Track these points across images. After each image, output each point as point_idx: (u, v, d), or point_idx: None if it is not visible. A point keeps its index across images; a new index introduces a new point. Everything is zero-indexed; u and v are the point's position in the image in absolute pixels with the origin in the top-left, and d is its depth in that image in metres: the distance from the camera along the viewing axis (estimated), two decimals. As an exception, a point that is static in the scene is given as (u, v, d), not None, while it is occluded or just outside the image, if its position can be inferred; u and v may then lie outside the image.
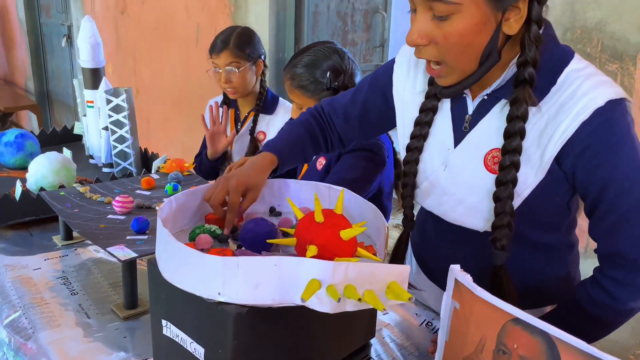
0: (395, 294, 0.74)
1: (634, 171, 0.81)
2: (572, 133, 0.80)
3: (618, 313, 0.86)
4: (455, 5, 0.76)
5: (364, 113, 1.09)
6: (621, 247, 0.83)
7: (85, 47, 1.80)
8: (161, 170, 1.53)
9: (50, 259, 1.27)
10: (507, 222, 0.85)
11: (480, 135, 0.89)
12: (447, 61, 0.82)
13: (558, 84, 0.82)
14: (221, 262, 0.71)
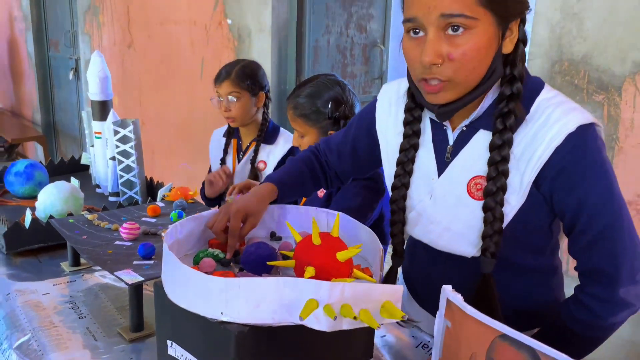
0: (389, 312, 0.78)
1: (605, 192, 0.86)
2: (547, 158, 0.85)
3: (600, 329, 0.90)
4: (473, 20, 0.80)
5: (354, 150, 1.15)
6: (598, 264, 0.87)
7: (94, 80, 1.87)
8: (166, 198, 1.58)
9: (58, 284, 1.31)
10: (497, 228, 0.89)
11: (463, 164, 0.93)
12: (456, 78, 0.84)
13: (531, 112, 0.88)
14: (224, 283, 0.76)
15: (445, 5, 0.80)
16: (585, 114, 0.87)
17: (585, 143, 0.85)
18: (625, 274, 0.87)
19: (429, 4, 0.81)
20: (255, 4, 2.50)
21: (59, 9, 4.98)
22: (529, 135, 0.87)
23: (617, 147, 1.41)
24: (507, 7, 0.83)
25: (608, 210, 0.86)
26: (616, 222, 0.86)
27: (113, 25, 3.88)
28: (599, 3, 1.39)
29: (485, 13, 0.81)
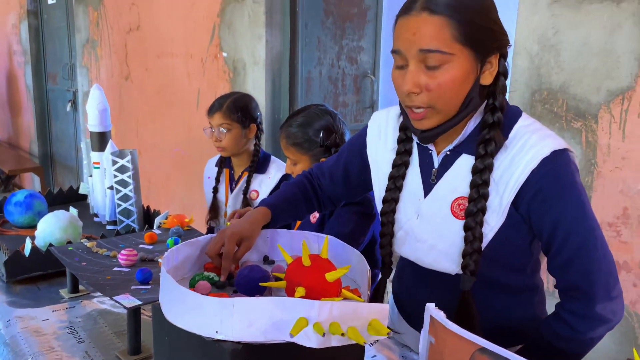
0: (376, 329, 0.82)
1: (579, 212, 0.91)
2: (524, 180, 0.91)
3: (580, 344, 0.94)
4: (450, 56, 0.88)
5: (346, 174, 1.21)
6: (575, 282, 0.92)
7: (93, 112, 1.93)
8: (163, 225, 1.62)
9: (57, 310, 1.35)
10: (476, 247, 0.94)
11: (447, 186, 0.99)
12: (435, 106, 0.91)
13: (510, 138, 0.94)
14: (218, 303, 0.80)
15: (424, 42, 0.88)
16: (559, 140, 0.94)
17: (558, 166, 0.91)
18: (601, 291, 0.92)
19: (410, 39, 0.89)
20: (249, 38, 2.59)
21: (57, 42, 5.09)
22: (508, 159, 0.93)
23: (596, 171, 1.48)
24: (483, 44, 0.90)
25: (582, 229, 0.91)
26: (590, 241, 0.92)
27: (111, 58, 3.97)
28: (573, 36, 1.48)
29: (461, 49, 0.89)
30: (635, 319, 1.45)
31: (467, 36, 0.88)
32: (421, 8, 0.88)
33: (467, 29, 0.88)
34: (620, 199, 1.44)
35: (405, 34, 0.90)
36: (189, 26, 3.04)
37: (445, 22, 0.87)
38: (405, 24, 0.90)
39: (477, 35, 0.89)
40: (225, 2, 2.73)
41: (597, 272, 0.92)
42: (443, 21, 0.87)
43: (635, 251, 1.43)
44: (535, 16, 1.54)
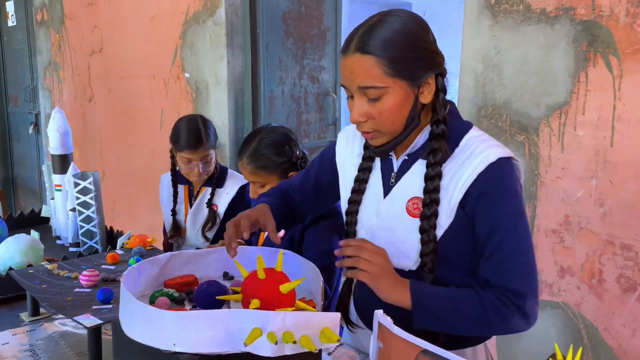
0: (327, 337, 0.87)
1: (515, 218, 0.99)
2: (471, 182, 0.99)
3: (495, 323, 0.99)
4: (384, 89, 0.98)
5: (317, 185, 1.28)
6: (507, 281, 0.99)
7: (54, 135, 1.94)
8: (125, 246, 1.64)
9: (17, 334, 1.35)
10: (432, 249, 1.01)
11: (404, 187, 1.07)
12: (380, 130, 1.02)
13: (460, 146, 1.03)
14: (175, 316, 0.84)
15: (360, 80, 0.99)
16: (505, 149, 1.03)
17: (503, 172, 1.00)
18: (531, 292, 0.99)
19: (349, 78, 1.00)
20: (211, 59, 2.64)
21: (18, 65, 5.03)
22: (457, 165, 1.02)
23: (539, 181, 1.57)
24: (414, 71, 0.99)
25: (518, 234, 0.99)
26: (523, 246, 1.00)
27: (74, 80, 3.96)
28: (514, 55, 1.57)
29: (394, 81, 0.98)
30: (580, 320, 1.53)
31: (397, 70, 0.97)
32: (354, 49, 0.98)
33: (396, 64, 0.97)
34: (561, 207, 1.53)
35: (345, 73, 1.01)
36: (151, 48, 3.07)
37: (376, 60, 0.97)
38: (344, 64, 1.01)
39: (407, 66, 0.98)
40: (186, 24, 2.77)
41: (527, 275, 1.00)
42: (373, 60, 0.97)
43: (577, 256, 1.51)
44: (478, 38, 1.63)
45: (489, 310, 0.99)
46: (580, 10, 1.44)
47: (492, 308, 0.98)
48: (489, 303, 0.99)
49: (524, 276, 0.99)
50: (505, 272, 0.99)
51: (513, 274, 0.99)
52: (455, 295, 1.01)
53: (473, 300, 0.99)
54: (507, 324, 0.99)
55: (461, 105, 1.68)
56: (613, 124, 1.42)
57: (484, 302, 0.99)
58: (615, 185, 1.43)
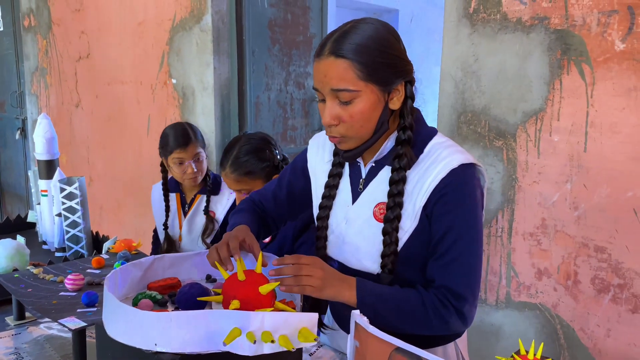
0: (305, 337, 0.90)
1: (468, 223, 1.03)
2: (434, 187, 1.02)
3: (432, 323, 1.03)
4: (356, 92, 1.00)
5: (290, 193, 1.30)
6: (451, 282, 1.03)
7: (40, 141, 1.96)
8: (111, 250, 1.65)
9: (2, 337, 1.36)
10: (392, 250, 1.04)
11: (371, 193, 1.10)
12: (349, 134, 1.04)
13: (425, 152, 1.06)
14: (156, 317, 0.86)
15: (333, 83, 1.01)
16: (468, 156, 1.06)
17: (463, 178, 1.03)
18: (471, 296, 1.03)
19: (322, 80, 1.03)
20: (197, 65, 2.67)
21: (5, 70, 5.01)
22: (422, 170, 1.05)
23: (517, 185, 1.61)
24: (386, 77, 1.02)
25: (469, 237, 1.03)
26: (472, 249, 1.03)
27: (61, 86, 3.96)
28: (491, 63, 1.62)
29: (366, 85, 1.01)
30: (557, 321, 1.57)
31: (370, 73, 1.00)
32: (329, 52, 1.01)
33: (369, 69, 1.00)
34: (538, 211, 1.57)
35: (318, 76, 1.03)
36: (138, 54, 3.09)
37: (349, 64, 1.00)
38: (317, 67, 1.03)
39: (379, 72, 1.01)
40: (173, 31, 2.80)
41: (471, 278, 1.04)
42: (347, 64, 1.00)
43: (553, 258, 1.55)
44: (457, 45, 1.67)
45: (429, 311, 1.03)
46: (555, 20, 1.49)
47: (432, 308, 1.02)
48: (430, 303, 1.03)
49: (467, 279, 1.03)
50: (450, 273, 1.03)
51: (457, 275, 1.02)
52: (398, 294, 1.04)
53: (415, 300, 1.03)
54: (446, 324, 1.03)
55: (441, 111, 1.72)
56: (586, 130, 1.46)
57: (425, 302, 1.03)
58: (588, 189, 1.47)
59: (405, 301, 1.03)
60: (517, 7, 1.54)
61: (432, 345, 1.13)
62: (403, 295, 1.04)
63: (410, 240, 1.06)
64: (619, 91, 1.40)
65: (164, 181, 2.10)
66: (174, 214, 2.12)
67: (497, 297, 1.68)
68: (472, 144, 1.67)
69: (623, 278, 1.44)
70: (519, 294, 1.63)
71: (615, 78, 1.40)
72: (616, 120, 1.41)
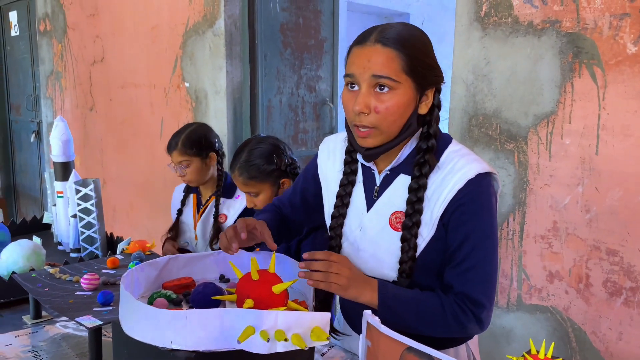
0: (317, 335, 0.91)
1: (487, 231, 1.04)
2: (451, 197, 1.03)
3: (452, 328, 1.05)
4: (397, 83, 1.01)
5: (304, 200, 1.31)
6: (468, 289, 1.04)
7: (57, 143, 1.99)
8: (125, 251, 1.68)
9: (20, 335, 1.39)
10: (411, 256, 1.06)
11: (386, 201, 1.11)
12: (380, 127, 1.03)
13: (441, 161, 1.07)
14: (172, 315, 0.88)
15: (377, 69, 1.01)
16: (484, 164, 1.06)
17: (480, 188, 1.04)
18: (488, 302, 1.05)
19: (365, 65, 1.02)
20: (210, 68, 2.70)
21: (21, 74, 5.09)
22: (439, 179, 1.06)
23: (528, 188, 1.61)
24: (424, 77, 1.04)
25: (485, 246, 1.04)
26: (488, 258, 1.05)
27: (75, 89, 4.01)
28: (503, 66, 1.62)
29: (407, 79, 1.02)
30: (569, 324, 1.57)
31: (412, 68, 1.02)
32: (375, 40, 1.02)
33: (413, 62, 1.01)
34: (550, 214, 1.57)
35: (360, 61, 1.03)
36: (151, 58, 3.13)
37: (395, 54, 1.01)
38: (360, 52, 1.03)
39: (420, 68, 1.02)
40: (186, 35, 2.83)
41: (487, 285, 1.05)
42: (393, 53, 1.01)
43: (565, 261, 1.55)
44: (469, 49, 1.68)
45: (448, 314, 1.04)
46: (566, 23, 1.49)
47: (451, 312, 1.04)
48: (449, 308, 1.04)
49: (485, 286, 1.04)
50: (468, 281, 1.04)
51: (475, 283, 1.04)
52: (418, 297, 1.05)
53: (434, 303, 1.04)
54: (464, 329, 1.05)
55: (453, 114, 1.73)
56: (598, 133, 1.46)
57: (444, 306, 1.04)
58: (600, 192, 1.47)
59: (425, 304, 1.05)
60: (529, 10, 1.55)
61: (444, 347, 1.14)
62: (423, 298, 1.05)
63: (427, 248, 1.07)
64: (631, 94, 1.40)
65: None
66: (190, 214, 2.15)
67: (508, 300, 1.68)
68: (484, 147, 1.68)
69: (635, 281, 1.44)
70: (530, 296, 1.63)
71: (627, 81, 1.40)
72: (628, 123, 1.41)
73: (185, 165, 2.01)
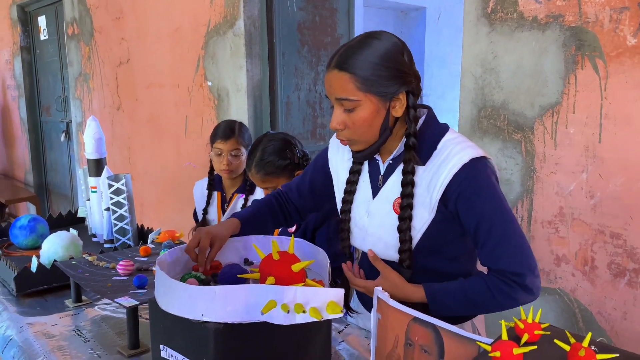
0: (332, 309, 1.01)
1: (496, 207, 1.11)
2: (448, 181, 1.12)
3: (505, 301, 1.12)
4: (357, 102, 1.11)
5: (312, 187, 1.42)
6: (501, 265, 1.11)
7: (90, 141, 2.12)
8: (156, 240, 1.80)
9: (63, 317, 1.52)
10: (407, 247, 1.15)
11: (390, 188, 1.21)
12: (353, 138, 1.16)
13: (437, 149, 1.16)
14: (203, 291, 0.99)
15: (337, 93, 1.13)
16: (477, 150, 1.14)
17: (475, 171, 1.12)
18: (528, 269, 1.11)
19: (329, 90, 1.16)
20: (231, 68, 2.81)
21: (50, 76, 5.29)
22: (436, 166, 1.15)
23: (535, 176, 1.68)
24: (385, 87, 1.12)
25: (501, 220, 1.11)
26: (509, 229, 1.11)
27: (103, 90, 4.18)
28: (509, 60, 1.70)
29: (365, 95, 1.11)
30: (575, 305, 1.64)
31: (368, 86, 1.11)
32: (334, 66, 1.13)
33: (367, 82, 1.10)
34: (556, 200, 1.64)
35: (327, 85, 1.16)
36: (175, 58, 3.26)
37: (348, 76, 1.11)
38: (327, 78, 1.16)
39: (377, 84, 1.11)
40: (208, 36, 2.95)
41: (520, 255, 1.11)
42: (347, 76, 1.11)
43: (571, 245, 1.62)
44: (477, 44, 1.76)
45: (495, 293, 1.11)
46: (569, 17, 1.56)
47: (498, 291, 1.11)
48: (494, 287, 1.11)
49: (517, 257, 1.10)
50: (499, 257, 1.11)
51: (506, 257, 1.10)
52: (464, 286, 1.14)
53: (481, 286, 1.13)
54: (515, 300, 1.12)
55: (462, 107, 1.81)
56: (601, 122, 1.53)
57: (489, 286, 1.12)
58: (604, 178, 1.54)
59: (472, 290, 1.13)
60: (533, 6, 1.62)
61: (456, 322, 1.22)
62: (468, 285, 1.14)
63: (429, 230, 1.16)
64: (632, 84, 1.46)
65: (209, 176, 2.25)
66: (214, 212, 2.26)
67: (517, 283, 1.75)
68: (492, 137, 1.75)
69: (638, 263, 1.50)
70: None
71: (627, 72, 1.46)
72: (629, 111, 1.48)
73: (237, 153, 2.13)
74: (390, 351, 1.01)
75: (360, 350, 1.30)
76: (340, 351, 1.29)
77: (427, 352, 0.94)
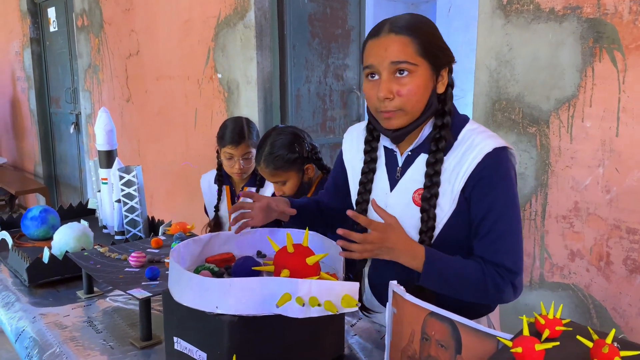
0: (347, 302, 1.00)
1: (508, 202, 1.11)
2: (471, 171, 1.11)
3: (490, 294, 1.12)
4: (414, 66, 1.10)
5: (336, 186, 1.42)
6: (499, 259, 1.11)
7: (101, 133, 2.12)
8: (167, 232, 1.80)
9: (76, 308, 1.52)
10: (428, 238, 1.14)
11: (409, 180, 1.19)
12: (405, 108, 1.12)
13: (459, 140, 1.15)
14: (217, 283, 0.98)
15: (394, 55, 1.10)
16: (500, 140, 1.14)
17: (498, 161, 1.11)
18: (520, 270, 1.13)
19: (382, 55, 1.11)
20: (241, 60, 2.80)
21: (60, 68, 5.30)
22: (458, 156, 1.14)
23: (550, 170, 1.66)
24: (438, 58, 1.13)
25: (509, 216, 1.11)
26: (513, 226, 1.12)
27: (112, 82, 4.18)
28: (525, 52, 1.67)
29: (422, 61, 1.11)
30: (590, 300, 1.62)
31: (426, 51, 1.11)
32: (388, 30, 1.11)
33: (425, 46, 1.11)
34: (571, 194, 1.62)
35: (378, 51, 1.12)
36: (185, 50, 3.25)
37: (409, 40, 1.10)
38: (376, 43, 1.12)
39: (433, 51, 1.12)
40: (218, 27, 2.94)
41: (517, 253, 1.13)
42: (407, 39, 1.10)
43: (586, 240, 1.61)
44: (492, 36, 1.73)
45: (488, 280, 1.11)
46: (587, 9, 1.53)
47: (491, 277, 1.11)
48: (489, 274, 1.11)
49: (514, 255, 1.12)
50: (498, 250, 1.11)
51: (505, 252, 1.11)
52: (461, 261, 1.13)
53: (476, 268, 1.12)
54: (501, 294, 1.12)
55: (477, 100, 1.79)
56: (618, 115, 1.50)
57: (484, 271, 1.11)
58: (620, 172, 1.52)
59: (468, 268, 1.12)
60: (550, -3, 1.59)
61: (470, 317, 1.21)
62: (465, 263, 1.13)
63: (449, 222, 1.14)
64: (651, 77, 1.44)
65: (218, 167, 2.23)
66: (225, 208, 2.25)
67: (531, 278, 1.74)
68: (507, 130, 1.73)
69: (655, 259, 1.48)
70: (552, 274, 1.69)
71: (646, 64, 1.44)
72: (648, 105, 1.45)
73: (249, 156, 2.11)
74: (406, 346, 1.01)
75: (373, 344, 1.29)
76: (353, 345, 1.29)
77: (444, 346, 0.93)
